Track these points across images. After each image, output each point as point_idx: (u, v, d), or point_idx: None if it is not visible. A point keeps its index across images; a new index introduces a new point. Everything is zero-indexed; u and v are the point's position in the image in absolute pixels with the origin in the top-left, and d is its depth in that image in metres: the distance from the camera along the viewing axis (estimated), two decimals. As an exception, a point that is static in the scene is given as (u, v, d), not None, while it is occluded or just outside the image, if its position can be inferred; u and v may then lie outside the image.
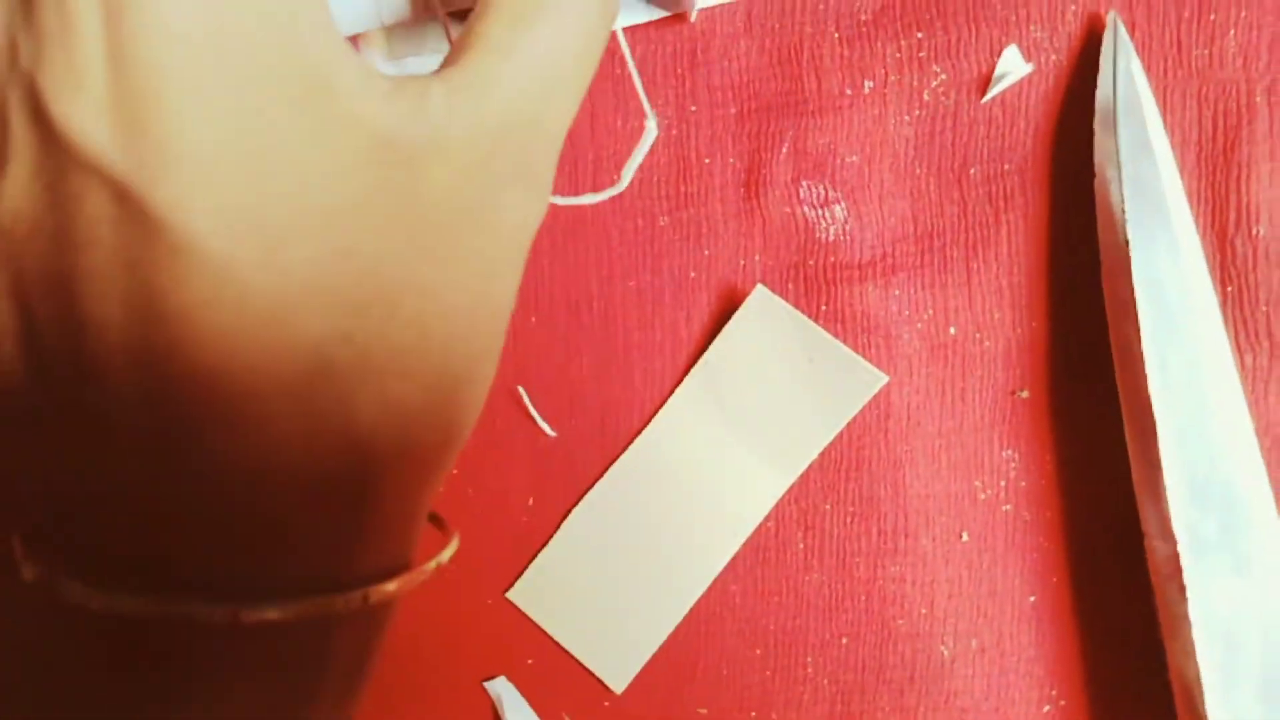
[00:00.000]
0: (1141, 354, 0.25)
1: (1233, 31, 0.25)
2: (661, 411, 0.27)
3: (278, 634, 0.15)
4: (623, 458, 0.28)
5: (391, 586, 0.16)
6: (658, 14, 0.26)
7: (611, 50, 0.26)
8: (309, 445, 0.14)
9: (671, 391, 0.27)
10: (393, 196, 0.14)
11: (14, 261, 0.13)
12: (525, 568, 0.28)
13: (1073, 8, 0.26)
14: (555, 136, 0.16)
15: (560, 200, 0.23)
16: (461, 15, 0.22)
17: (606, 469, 0.28)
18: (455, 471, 0.28)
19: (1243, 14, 0.25)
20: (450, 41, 0.22)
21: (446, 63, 0.15)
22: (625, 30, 0.23)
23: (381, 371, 0.14)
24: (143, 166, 0.12)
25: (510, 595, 0.28)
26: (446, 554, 0.17)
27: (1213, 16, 0.25)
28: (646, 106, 0.21)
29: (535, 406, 0.28)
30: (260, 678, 0.15)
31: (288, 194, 0.13)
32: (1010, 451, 0.27)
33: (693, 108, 0.27)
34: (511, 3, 0.15)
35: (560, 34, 0.16)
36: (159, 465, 0.13)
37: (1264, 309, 0.26)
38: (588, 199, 0.22)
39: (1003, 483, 0.27)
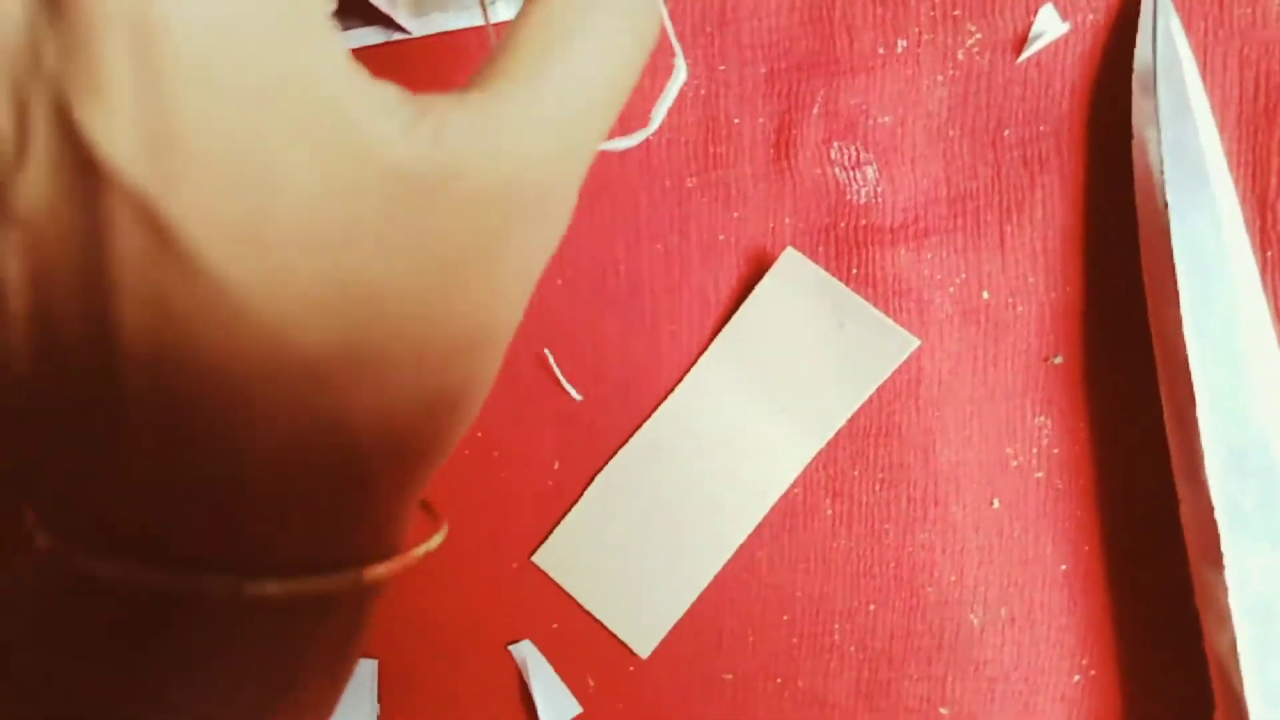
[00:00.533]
0: (1179, 321, 0.24)
1: (1277, -10, 0.25)
2: (688, 376, 0.27)
3: (275, 610, 0.15)
4: (649, 422, 0.27)
5: (382, 569, 0.16)
6: (688, -28, 0.26)
7: None
8: (304, 442, 0.14)
9: (699, 356, 0.27)
10: (403, 226, 0.14)
11: (35, 251, 0.13)
12: (551, 531, 0.28)
13: (1112, -35, 0.25)
14: (578, 172, 0.16)
15: None
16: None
17: (633, 433, 0.27)
18: (480, 434, 0.28)
19: (1288, -28, 0.25)
20: (485, 15, 0.22)
21: (474, 84, 0.15)
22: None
23: (377, 386, 0.15)
24: (158, 179, 0.13)
25: (536, 559, 0.28)
26: (435, 541, 0.18)
27: (1256, -26, 0.25)
28: (675, 45, 0.21)
29: (561, 370, 0.28)
30: (256, 654, 0.16)
31: (294, 217, 0.13)
32: (1043, 418, 0.26)
33: (721, 67, 0.27)
34: (543, 30, 0.15)
35: (592, 66, 0.15)
36: (166, 454, 0.14)
37: (1305, 274, 0.25)
38: (616, 144, 0.21)
39: (1035, 450, 0.26)
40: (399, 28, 0.26)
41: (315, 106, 0.13)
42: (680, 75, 0.20)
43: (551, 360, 0.28)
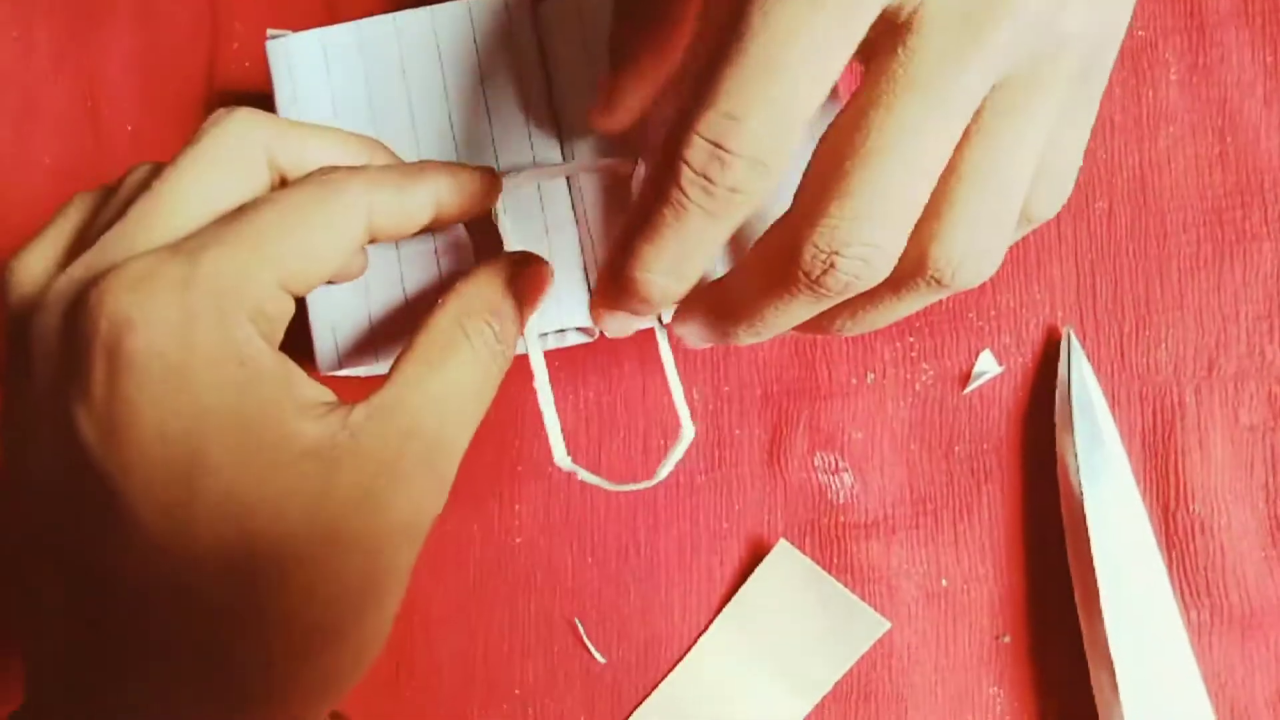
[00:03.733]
0: (1100, 609, 0.30)
1: (1164, 344, 0.32)
2: (698, 643, 0.32)
3: None
4: (664, 683, 0.32)
5: None
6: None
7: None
8: (191, 671, 0.20)
9: (707, 626, 0.32)
10: (305, 493, 0.19)
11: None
12: (576, 781, 0.32)
13: (1034, 321, 0.32)
14: (454, 448, 0.22)
15: (610, 486, 0.27)
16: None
17: (650, 693, 0.32)
18: (517, 692, 0.33)
19: (1171, 330, 0.32)
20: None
21: (374, 391, 0.21)
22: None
23: (267, 621, 0.20)
24: (112, 459, 0.19)
25: (562, 806, 0.32)
26: None
27: (1147, 332, 0.32)
28: (683, 416, 0.25)
29: (589, 636, 0.33)
30: None
31: (215, 489, 0.19)
32: (996, 689, 0.31)
33: (725, 388, 0.33)
34: (425, 350, 0.21)
35: (459, 378, 0.21)
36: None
37: (1203, 573, 0.31)
38: (629, 487, 0.26)
39: (991, 717, 0.31)
40: None
41: (250, 411, 0.19)
42: (686, 438, 0.26)
43: (580, 627, 0.33)
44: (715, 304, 0.22)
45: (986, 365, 0.32)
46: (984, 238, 0.19)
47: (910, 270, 0.19)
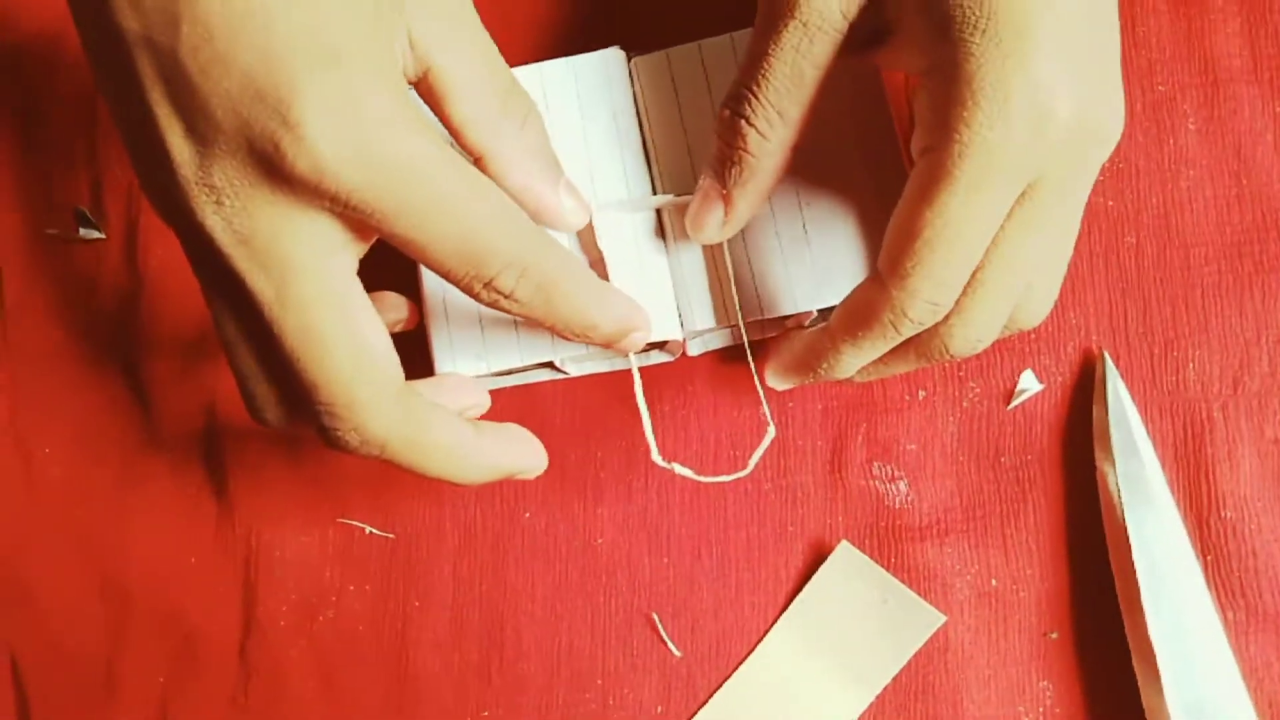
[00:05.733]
0: (1142, 607, 0.32)
1: (1191, 365, 0.35)
2: (766, 638, 0.35)
3: None
4: (735, 675, 0.35)
5: None
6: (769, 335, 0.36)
7: (738, 362, 0.36)
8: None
9: (774, 623, 0.35)
10: None
11: None
12: (653, 766, 0.35)
13: (1072, 344, 0.35)
14: None
15: (701, 478, 0.32)
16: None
17: (721, 684, 0.35)
18: (600, 682, 0.35)
19: (1198, 353, 0.35)
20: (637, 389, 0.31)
21: None
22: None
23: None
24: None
25: (640, 789, 0.34)
26: None
27: (1176, 354, 0.35)
28: (768, 417, 0.30)
29: (665, 630, 0.35)
30: None
31: None
32: (1046, 683, 0.34)
33: (790, 404, 0.36)
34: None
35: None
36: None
37: (1238, 575, 0.34)
38: (724, 479, 0.31)
39: (1041, 709, 0.34)
40: (561, 371, 0.36)
41: None
42: (770, 435, 0.30)
43: (658, 622, 0.35)
44: (802, 352, 0.30)
45: (1028, 383, 0.35)
46: (985, 326, 0.27)
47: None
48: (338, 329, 0.24)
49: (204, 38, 0.21)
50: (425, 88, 0.26)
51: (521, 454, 0.29)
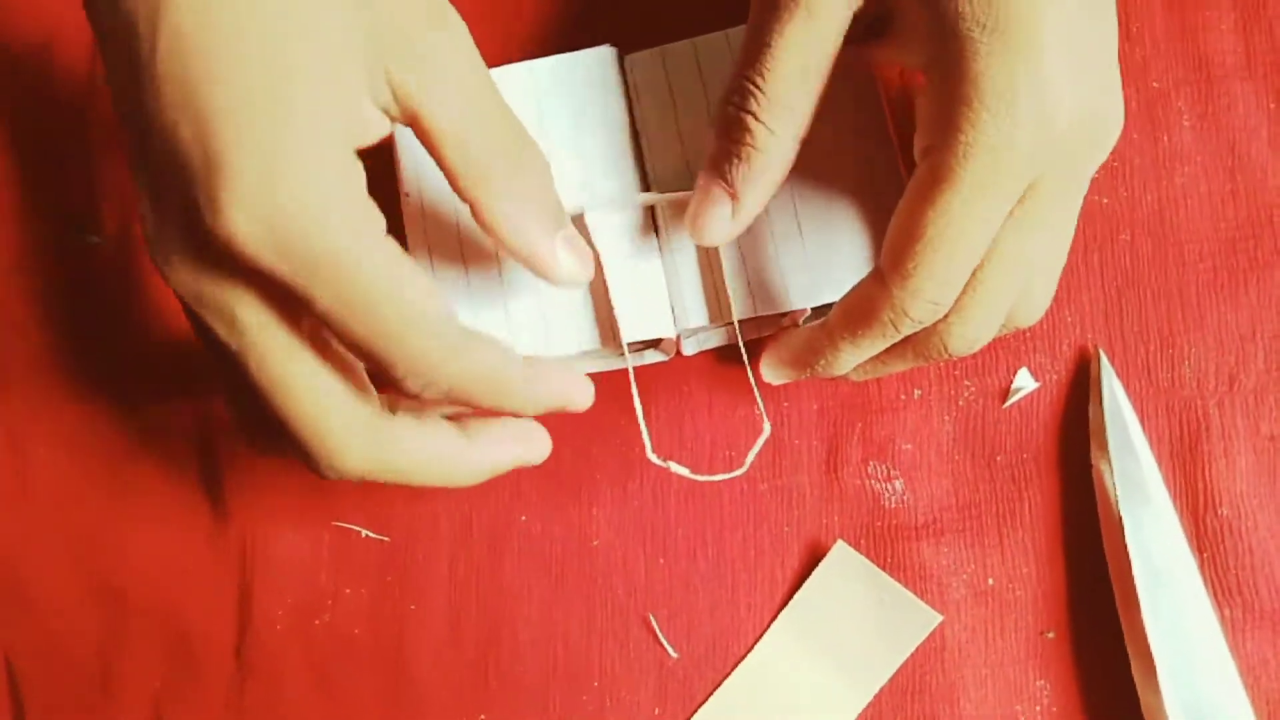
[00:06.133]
0: (1139, 605, 0.32)
1: (1187, 362, 0.35)
2: (763, 638, 0.35)
3: None
4: (731, 676, 0.35)
5: None
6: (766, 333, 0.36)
7: (733, 362, 0.36)
8: None
9: (770, 623, 0.35)
10: None
11: None
12: (650, 767, 0.34)
13: (1067, 341, 0.35)
14: None
15: (697, 477, 0.32)
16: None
17: (718, 686, 0.35)
18: (596, 684, 0.35)
19: (1193, 349, 0.35)
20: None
21: None
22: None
23: None
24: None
25: (637, 791, 0.34)
26: None
27: (1171, 351, 0.35)
28: (763, 414, 0.30)
29: (662, 632, 0.35)
30: None
31: None
32: (1042, 682, 0.34)
33: (785, 403, 0.36)
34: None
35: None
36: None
37: (1234, 572, 0.33)
38: (719, 477, 0.31)
39: (1038, 708, 0.34)
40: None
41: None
42: (765, 433, 0.30)
43: (654, 623, 0.35)
44: (800, 348, 0.30)
45: (1024, 382, 0.35)
46: (983, 325, 0.27)
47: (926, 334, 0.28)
48: (296, 381, 0.24)
49: (156, 101, 0.21)
50: (420, 134, 0.25)
51: (517, 449, 0.29)
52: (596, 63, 0.32)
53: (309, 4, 0.22)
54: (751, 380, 0.32)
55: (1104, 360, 0.34)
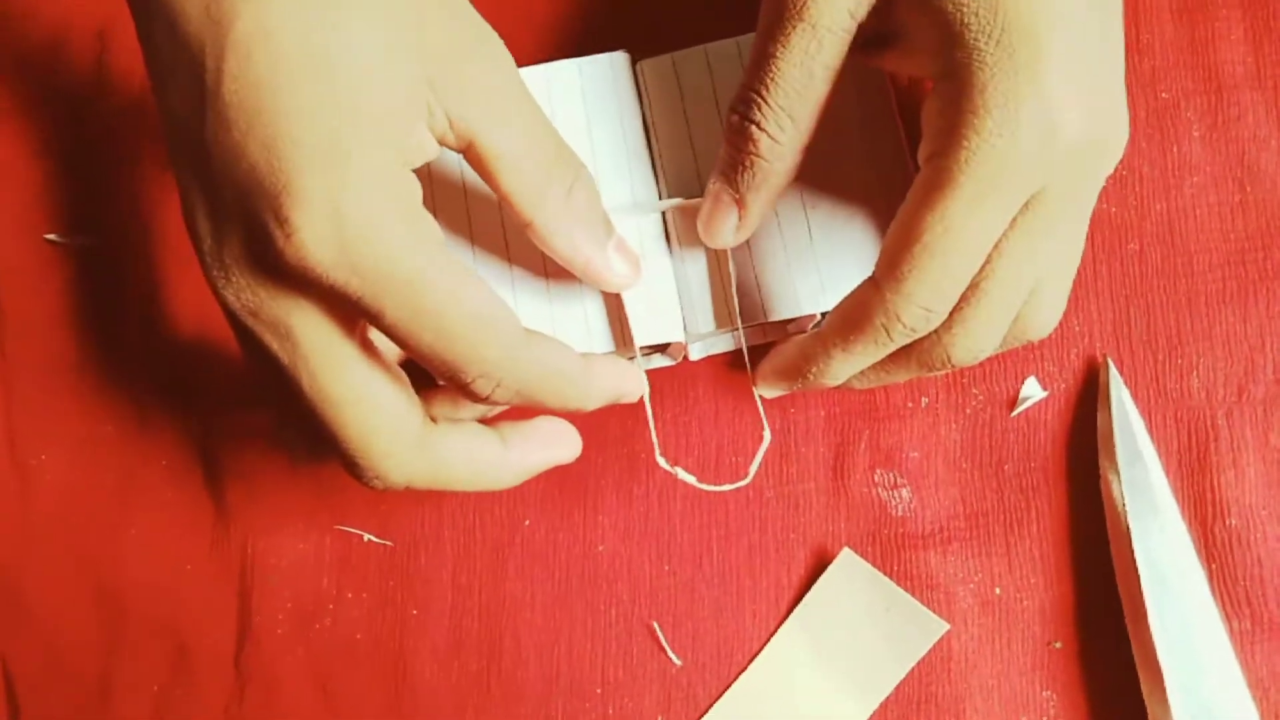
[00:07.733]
0: (1147, 616, 0.32)
1: (1195, 372, 0.35)
2: (767, 647, 0.35)
3: None
4: (735, 685, 0.34)
5: None
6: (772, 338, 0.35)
7: (739, 368, 0.35)
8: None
9: (775, 631, 0.35)
10: None
11: None
12: (653, 776, 0.34)
13: (1075, 351, 0.35)
14: None
15: (703, 486, 0.32)
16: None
17: (722, 694, 0.34)
18: (599, 690, 0.35)
19: (1202, 360, 0.35)
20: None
21: None
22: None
23: None
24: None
25: (640, 800, 0.34)
26: None
27: (1180, 361, 0.35)
28: (764, 422, 0.30)
29: (666, 639, 0.35)
30: None
31: None
32: (1049, 693, 0.33)
33: (792, 410, 0.36)
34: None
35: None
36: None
37: (1243, 583, 0.33)
38: (724, 488, 0.31)
39: (1045, 719, 0.33)
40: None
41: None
42: (766, 441, 0.30)
43: (658, 630, 0.35)
44: (793, 357, 0.30)
45: (1032, 391, 0.35)
46: (986, 335, 0.27)
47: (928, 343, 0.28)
48: (348, 393, 0.25)
49: (222, 128, 0.23)
50: (473, 158, 0.27)
51: (551, 450, 0.31)
52: (610, 67, 0.32)
53: (369, 38, 0.23)
54: (754, 387, 0.32)
55: (1112, 370, 0.34)
